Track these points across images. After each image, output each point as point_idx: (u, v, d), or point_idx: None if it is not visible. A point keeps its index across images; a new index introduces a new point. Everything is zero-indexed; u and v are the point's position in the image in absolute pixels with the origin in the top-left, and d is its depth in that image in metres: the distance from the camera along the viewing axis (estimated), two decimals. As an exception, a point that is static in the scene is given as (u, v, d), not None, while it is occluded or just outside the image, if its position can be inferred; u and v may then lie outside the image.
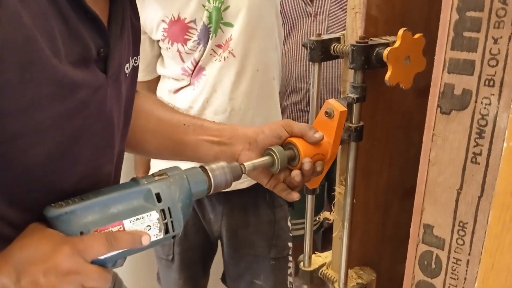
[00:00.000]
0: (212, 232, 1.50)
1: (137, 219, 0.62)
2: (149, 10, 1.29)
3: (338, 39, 0.78)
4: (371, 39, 0.72)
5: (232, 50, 1.27)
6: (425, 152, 0.53)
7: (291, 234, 1.52)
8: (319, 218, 0.87)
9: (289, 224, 1.51)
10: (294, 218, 1.63)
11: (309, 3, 1.89)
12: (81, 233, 0.59)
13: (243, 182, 1.35)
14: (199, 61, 1.29)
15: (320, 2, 1.87)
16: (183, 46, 1.29)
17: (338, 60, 0.80)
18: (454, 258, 0.53)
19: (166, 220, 0.64)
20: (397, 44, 0.68)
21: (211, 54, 1.28)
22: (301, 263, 0.91)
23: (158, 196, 0.64)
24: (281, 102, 1.52)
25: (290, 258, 1.51)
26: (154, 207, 0.63)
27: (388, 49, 0.68)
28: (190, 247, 1.48)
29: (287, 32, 1.92)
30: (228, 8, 1.25)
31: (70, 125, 0.60)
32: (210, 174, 0.69)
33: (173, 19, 1.28)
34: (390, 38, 0.72)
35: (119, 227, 0.61)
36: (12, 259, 0.56)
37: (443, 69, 0.50)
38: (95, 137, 0.65)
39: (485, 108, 0.48)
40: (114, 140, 0.70)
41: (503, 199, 0.45)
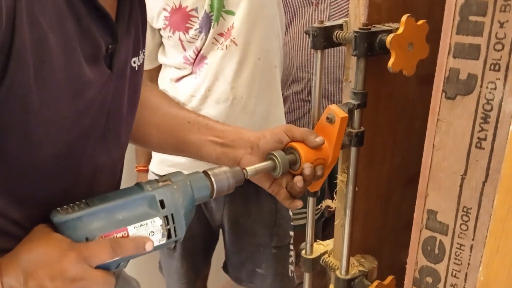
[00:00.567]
0: (214, 221, 1.50)
1: (141, 225, 0.63)
2: (150, -1, 1.28)
3: (340, 26, 0.77)
4: (374, 26, 0.72)
5: (234, 38, 1.26)
6: (429, 137, 0.53)
7: (292, 223, 1.53)
8: (321, 206, 0.87)
9: (291, 213, 1.52)
10: (295, 208, 1.63)
11: (311, -8, 1.88)
12: (86, 239, 0.60)
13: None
14: (201, 49, 1.29)
15: (322, -9, 1.86)
16: (184, 34, 1.28)
17: (340, 49, 0.79)
18: (457, 243, 0.53)
19: (169, 226, 0.65)
20: (400, 30, 0.68)
21: (212, 43, 1.28)
22: (303, 251, 0.91)
23: (162, 202, 0.64)
24: (282, 92, 1.51)
25: (292, 247, 1.52)
26: (158, 213, 0.64)
27: (391, 35, 0.68)
28: (192, 236, 1.48)
29: (289, 21, 1.91)
30: None
31: (79, 125, 0.61)
32: (213, 180, 0.69)
33: (174, 7, 1.27)
34: (393, 25, 0.72)
35: (123, 233, 0.62)
36: (19, 261, 0.57)
37: (448, 54, 0.50)
38: (101, 134, 0.65)
39: (490, 92, 0.47)
40: (121, 135, 0.70)
41: (509, 183, 0.45)
